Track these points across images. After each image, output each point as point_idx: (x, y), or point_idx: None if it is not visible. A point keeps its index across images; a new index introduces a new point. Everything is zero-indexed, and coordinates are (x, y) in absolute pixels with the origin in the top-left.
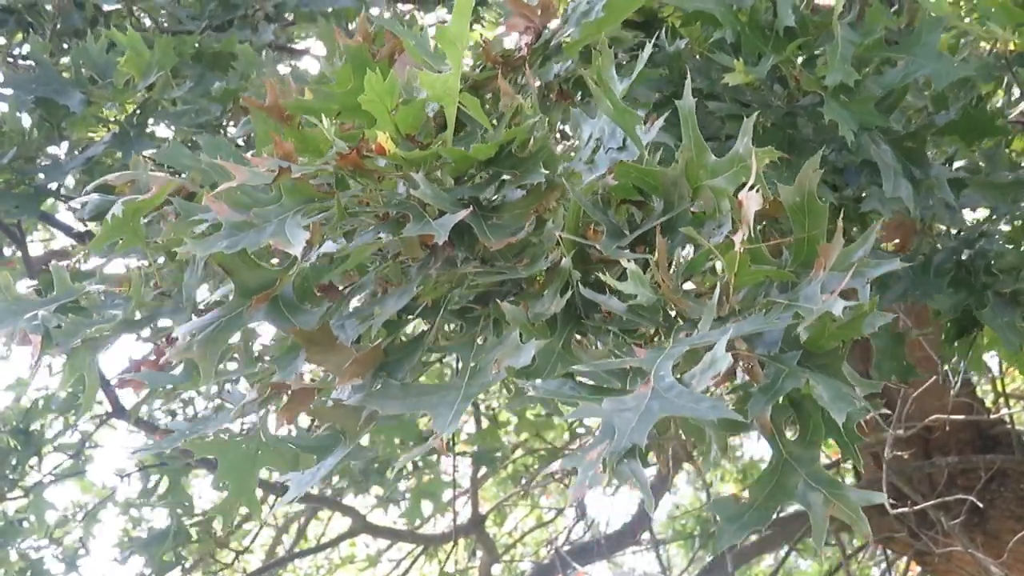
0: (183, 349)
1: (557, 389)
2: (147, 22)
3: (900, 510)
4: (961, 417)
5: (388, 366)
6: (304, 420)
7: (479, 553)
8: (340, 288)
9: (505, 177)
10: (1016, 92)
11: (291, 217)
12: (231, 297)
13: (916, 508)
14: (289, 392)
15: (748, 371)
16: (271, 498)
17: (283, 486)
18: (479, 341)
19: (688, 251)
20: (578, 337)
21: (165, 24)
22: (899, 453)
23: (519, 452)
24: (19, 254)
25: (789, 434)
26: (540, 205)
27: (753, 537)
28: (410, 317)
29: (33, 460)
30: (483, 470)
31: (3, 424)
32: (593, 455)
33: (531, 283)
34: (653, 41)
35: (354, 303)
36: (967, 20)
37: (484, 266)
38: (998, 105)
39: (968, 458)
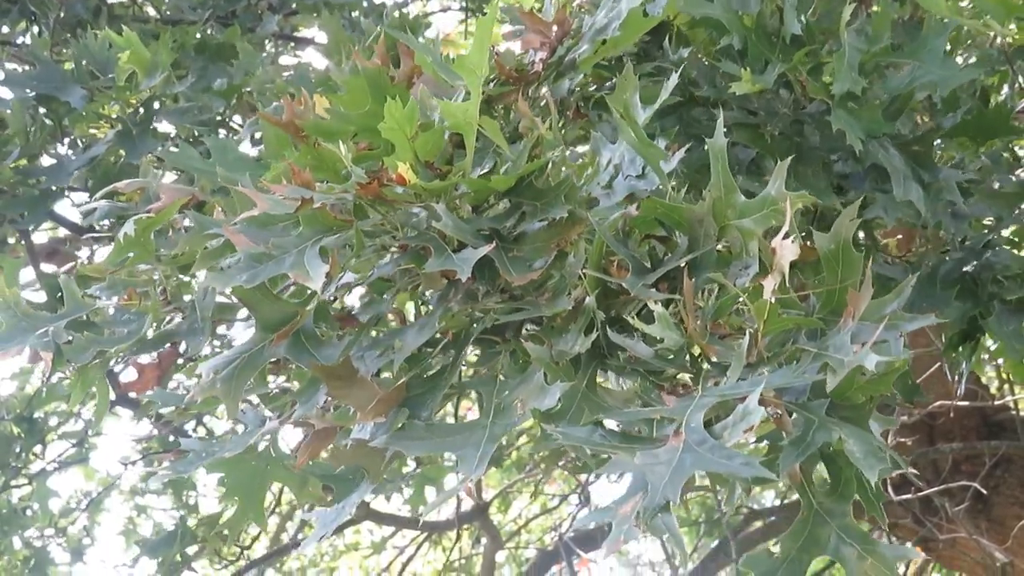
0: (207, 387)
1: (587, 438)
2: (151, 11)
3: (904, 496)
4: (965, 403)
5: (410, 402)
6: None
7: (483, 540)
8: (357, 318)
9: (525, 209)
10: (1019, 86)
11: (310, 247)
12: (252, 332)
13: (920, 495)
14: (311, 430)
15: (776, 420)
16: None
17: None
18: (502, 376)
19: (715, 289)
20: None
21: (168, 14)
22: (903, 439)
23: (523, 439)
24: (23, 242)
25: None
26: (561, 238)
27: (758, 524)
28: (431, 351)
29: (37, 448)
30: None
31: (7, 411)
32: (627, 509)
33: (554, 317)
34: (660, 46)
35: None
36: (966, 15)
37: (504, 298)
38: (1002, 99)
39: (972, 444)
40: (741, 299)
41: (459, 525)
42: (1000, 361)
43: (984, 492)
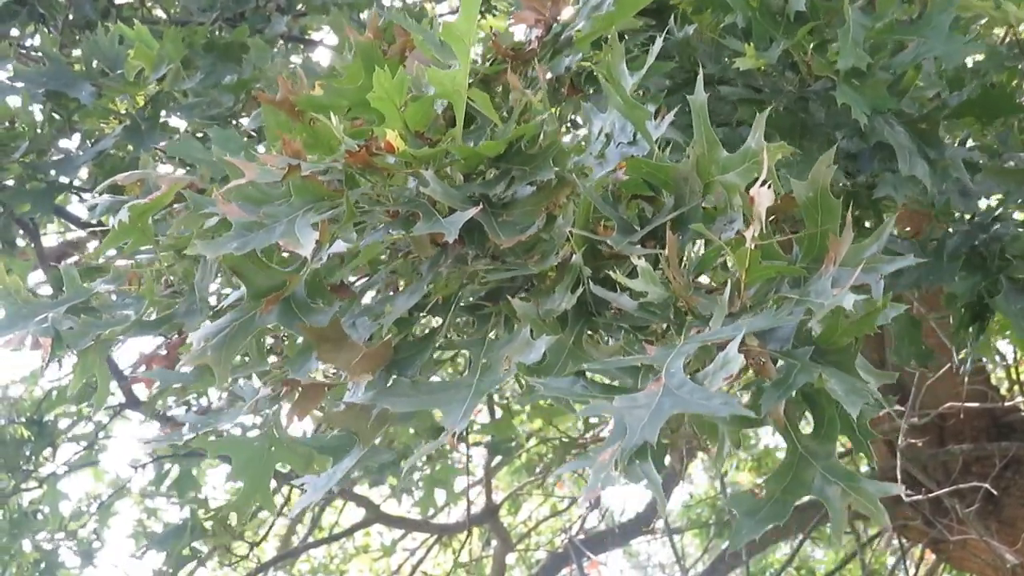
0: (198, 355)
1: (568, 388)
2: (159, 13)
3: (915, 498)
4: (975, 405)
5: (399, 364)
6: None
7: (493, 542)
8: (351, 287)
9: (515, 173)
10: None
11: (301, 216)
12: (243, 300)
13: (931, 496)
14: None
15: (760, 368)
16: (284, 488)
17: (296, 475)
18: (491, 337)
19: (699, 247)
20: (589, 333)
21: (177, 15)
22: (913, 441)
23: (533, 441)
24: (32, 245)
25: (803, 427)
26: (550, 202)
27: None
28: (421, 315)
29: (47, 451)
30: (497, 458)
31: (17, 415)
32: (606, 456)
33: (542, 279)
34: (664, 28)
35: (366, 299)
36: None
37: (495, 263)
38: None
39: (982, 445)
40: (724, 252)
41: (469, 527)
42: (1011, 361)
43: (994, 493)
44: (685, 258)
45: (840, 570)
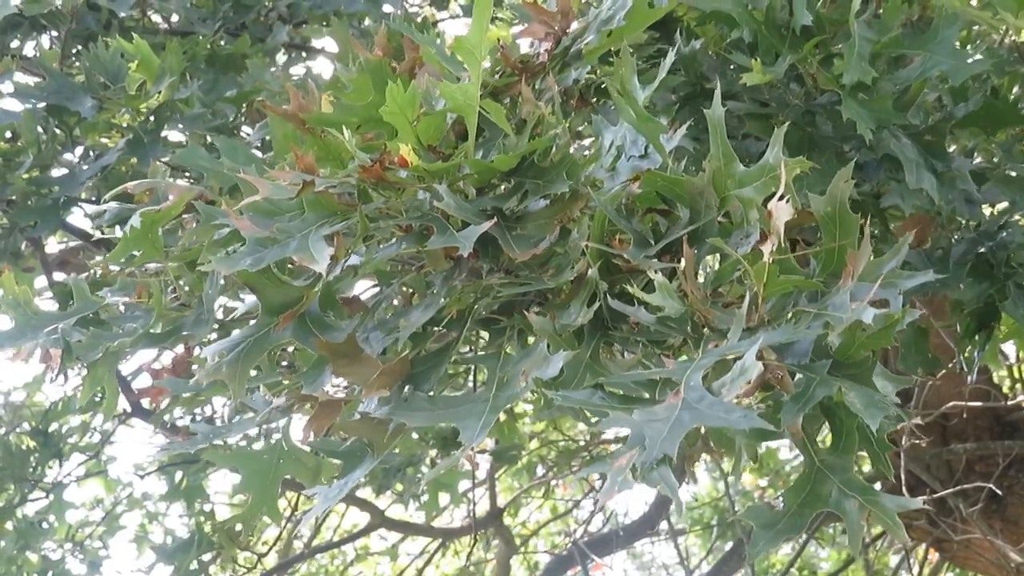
0: (213, 371)
1: (587, 399)
2: (159, 22)
3: (918, 498)
4: (978, 404)
5: (414, 378)
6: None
7: (495, 541)
8: (362, 300)
9: (528, 187)
10: None
11: (314, 232)
12: (257, 315)
13: (934, 495)
14: (316, 404)
15: (778, 381)
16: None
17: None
18: (507, 351)
19: (715, 260)
20: (605, 346)
21: (178, 26)
22: (917, 440)
23: (535, 443)
24: (36, 253)
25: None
26: (564, 215)
27: None
28: (436, 329)
29: (52, 461)
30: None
31: (20, 420)
32: (622, 461)
33: (557, 293)
34: (669, 42)
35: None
36: (977, 7)
37: (509, 276)
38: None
39: (986, 444)
40: (741, 266)
41: (475, 530)
42: (1013, 361)
43: (998, 492)
44: (702, 272)
45: (844, 570)
